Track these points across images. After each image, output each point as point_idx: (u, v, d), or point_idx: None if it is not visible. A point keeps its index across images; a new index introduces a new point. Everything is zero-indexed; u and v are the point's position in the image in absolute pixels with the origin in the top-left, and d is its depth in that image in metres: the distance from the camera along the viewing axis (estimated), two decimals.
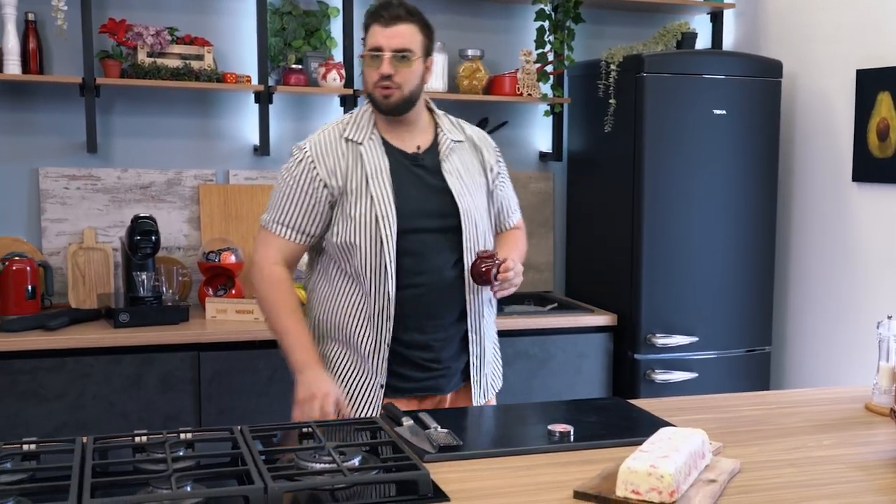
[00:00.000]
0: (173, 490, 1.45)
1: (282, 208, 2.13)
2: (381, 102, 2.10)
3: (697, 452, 1.63)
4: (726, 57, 3.61)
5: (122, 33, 3.11)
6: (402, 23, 2.07)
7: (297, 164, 2.13)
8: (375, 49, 2.08)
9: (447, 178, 2.15)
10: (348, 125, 2.16)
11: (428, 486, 1.54)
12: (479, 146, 2.25)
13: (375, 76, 2.08)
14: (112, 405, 2.88)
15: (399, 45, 2.07)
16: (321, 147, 2.12)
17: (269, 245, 2.15)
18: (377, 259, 2.08)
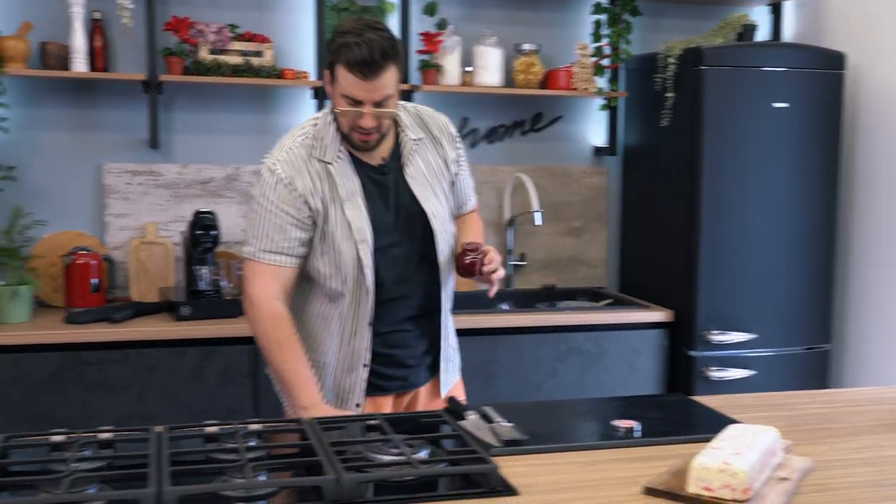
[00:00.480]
0: (248, 479, 1.48)
1: (267, 235, 2.02)
2: (360, 146, 2.02)
3: (769, 450, 1.61)
4: (788, 49, 3.55)
5: (184, 31, 3.16)
6: (384, 72, 1.91)
7: (273, 187, 2.01)
8: (353, 99, 1.94)
9: (411, 183, 2.09)
10: (314, 142, 2.04)
11: (497, 480, 1.54)
12: (437, 138, 2.16)
13: (354, 122, 1.97)
14: (176, 398, 2.94)
15: (381, 97, 1.94)
16: (293, 167, 2.02)
17: (263, 276, 2.03)
18: (356, 280, 2.05)
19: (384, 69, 1.90)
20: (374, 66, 1.89)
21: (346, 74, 1.91)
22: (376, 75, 1.90)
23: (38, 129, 3.26)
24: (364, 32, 1.90)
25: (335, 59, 1.93)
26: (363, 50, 1.88)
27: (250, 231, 2.05)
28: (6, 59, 3.03)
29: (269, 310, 2.03)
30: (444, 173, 2.16)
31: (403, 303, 2.12)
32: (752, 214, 3.38)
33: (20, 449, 1.65)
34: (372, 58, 1.88)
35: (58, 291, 3.19)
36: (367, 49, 1.88)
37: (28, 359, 2.81)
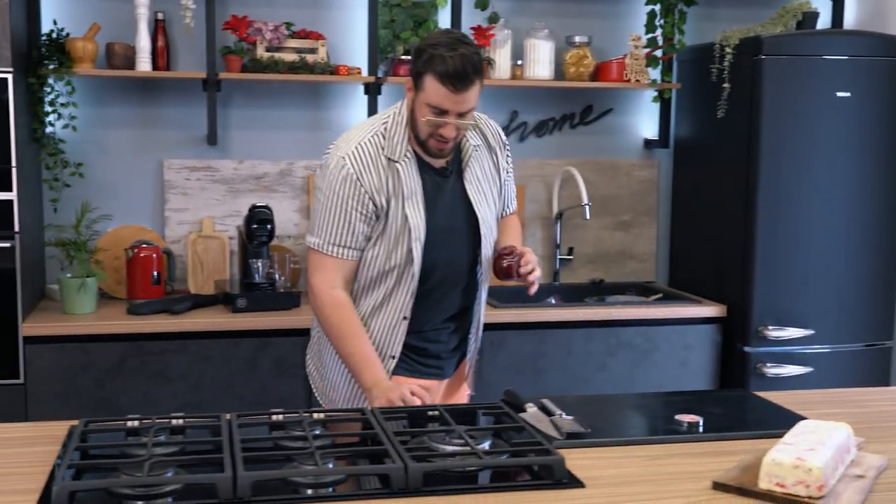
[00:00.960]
0: (318, 466, 1.51)
1: (333, 228, 2.06)
2: (435, 153, 2.06)
3: (843, 447, 1.58)
4: (850, 37, 3.46)
5: (243, 29, 3.21)
6: (472, 86, 1.97)
7: (341, 182, 2.04)
8: (439, 109, 1.98)
9: (468, 188, 2.14)
10: (385, 140, 2.07)
11: (563, 472, 1.55)
12: (493, 147, 2.22)
13: (434, 131, 2.01)
14: (230, 387, 2.99)
15: (466, 108, 2.00)
16: (363, 163, 2.04)
17: (326, 268, 2.08)
18: (402, 273, 2.09)
19: (473, 83, 1.96)
20: (465, 79, 1.94)
21: (435, 85, 1.96)
22: (466, 88, 1.95)
23: (103, 127, 3.34)
24: (457, 46, 1.95)
25: (425, 69, 1.96)
26: (457, 63, 1.93)
27: (316, 222, 2.09)
28: (76, 60, 3.13)
29: (329, 298, 2.08)
30: (496, 180, 2.22)
31: (444, 302, 2.17)
32: (810, 207, 3.32)
33: (98, 433, 1.71)
34: (465, 71, 1.94)
35: (120, 283, 3.27)
36: (460, 62, 1.93)
37: (94, 348, 2.91)
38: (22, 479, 1.54)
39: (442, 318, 2.19)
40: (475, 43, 2.01)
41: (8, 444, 1.75)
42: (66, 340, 2.89)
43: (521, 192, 3.68)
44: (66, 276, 3.01)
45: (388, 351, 2.15)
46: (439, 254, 2.11)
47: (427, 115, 2.00)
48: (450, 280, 2.16)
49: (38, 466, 1.60)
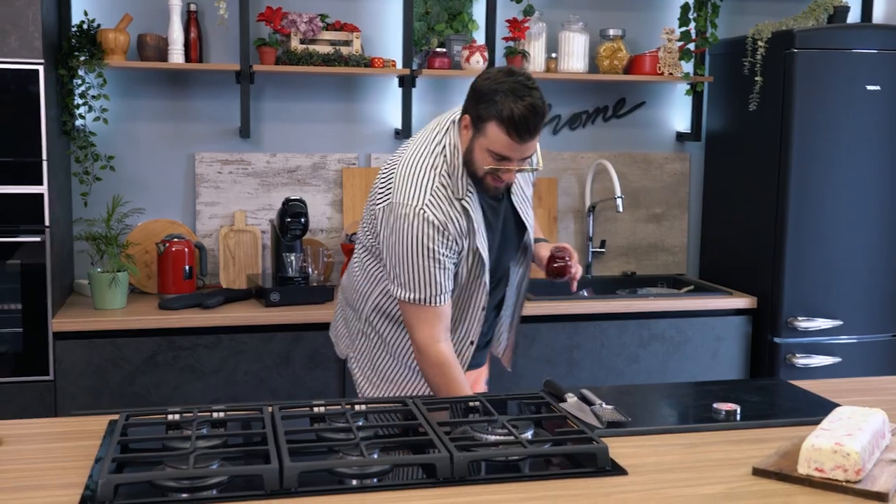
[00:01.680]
0: (364, 457, 1.52)
1: (432, 282, 1.99)
2: (490, 192, 2.04)
3: (879, 432, 1.60)
4: (881, 30, 3.45)
5: (278, 21, 3.22)
6: (537, 133, 1.92)
7: (429, 235, 1.97)
8: (500, 156, 1.93)
9: (515, 202, 2.16)
10: (448, 181, 2.01)
11: (606, 460, 1.56)
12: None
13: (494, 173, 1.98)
14: (262, 381, 3.01)
15: (528, 154, 1.96)
16: (443, 213, 1.98)
17: (430, 321, 2.01)
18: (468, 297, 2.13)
19: (539, 131, 1.91)
20: (533, 130, 1.89)
21: (499, 134, 1.89)
22: (532, 137, 1.90)
23: (135, 119, 3.36)
24: (523, 94, 1.87)
25: (488, 115, 1.89)
26: (525, 113, 1.86)
27: (408, 276, 1.99)
28: (107, 52, 3.12)
29: (435, 357, 2.02)
30: (530, 181, 2.25)
31: (497, 305, 2.26)
32: (840, 200, 3.31)
33: (139, 427, 1.72)
34: (532, 122, 1.87)
35: (151, 278, 3.29)
36: (528, 112, 1.86)
37: (125, 343, 2.91)
38: (62, 473, 1.55)
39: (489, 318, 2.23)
40: (537, 85, 1.92)
41: (43, 440, 1.76)
42: (97, 336, 2.89)
43: (553, 184, 3.68)
44: (96, 270, 3.01)
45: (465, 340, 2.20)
46: (500, 272, 2.19)
47: (487, 159, 1.95)
48: (500, 287, 2.22)
49: (76, 461, 1.61)
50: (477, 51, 3.33)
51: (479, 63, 3.33)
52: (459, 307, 2.13)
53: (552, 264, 2.20)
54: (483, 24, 3.49)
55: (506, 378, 3.15)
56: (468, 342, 2.18)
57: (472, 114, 1.94)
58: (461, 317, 2.15)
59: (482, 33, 3.49)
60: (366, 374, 2.27)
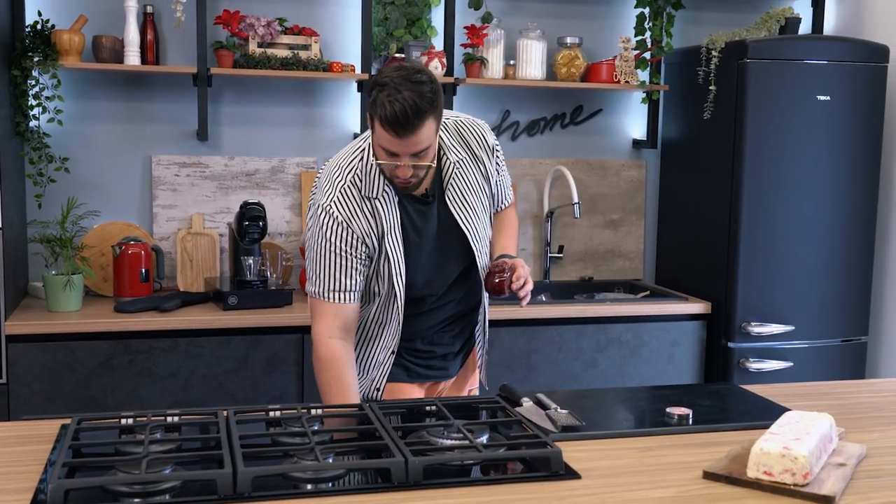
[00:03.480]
0: (319, 461, 1.52)
1: (329, 277, 2.04)
2: (402, 190, 2.03)
3: (826, 436, 1.63)
4: (831, 42, 3.54)
5: (235, 24, 3.21)
6: (417, 129, 1.88)
7: (332, 229, 2.02)
8: (390, 152, 1.94)
9: (451, 207, 2.10)
10: (361, 181, 2.03)
11: (560, 464, 1.58)
12: (479, 156, 2.15)
13: (393, 171, 1.97)
14: (220, 385, 2.99)
15: (417, 150, 1.92)
16: (348, 209, 2.02)
17: (326, 315, 2.06)
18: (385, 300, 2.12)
19: (418, 126, 1.88)
20: (407, 125, 1.86)
21: (381, 130, 1.91)
22: (411, 132, 1.88)
23: (90, 121, 3.32)
24: (401, 89, 1.86)
25: (372, 112, 1.92)
26: (397, 108, 1.85)
27: (312, 270, 2.07)
28: (61, 53, 3.08)
29: (326, 351, 2.05)
30: (485, 189, 2.18)
31: (441, 310, 2.19)
32: (791, 207, 3.39)
33: (91, 431, 1.71)
34: (406, 117, 1.85)
35: (107, 281, 3.25)
36: (400, 108, 1.85)
37: (80, 346, 2.88)
38: (13, 477, 1.53)
39: (443, 323, 2.21)
40: (428, 77, 1.90)
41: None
42: (51, 339, 2.85)
43: (513, 190, 3.71)
44: (50, 273, 2.97)
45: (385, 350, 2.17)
46: (432, 277, 2.13)
47: (381, 156, 1.96)
48: (445, 297, 2.17)
49: (27, 465, 1.59)
50: (435, 57, 3.35)
51: (438, 69, 3.35)
52: (380, 311, 2.13)
53: (490, 280, 2.11)
54: (442, 31, 3.51)
55: None
56: (389, 351, 2.16)
57: (368, 111, 1.96)
58: (382, 322, 2.14)
59: (441, 39, 3.51)
60: None
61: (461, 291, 2.19)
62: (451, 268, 2.15)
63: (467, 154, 2.14)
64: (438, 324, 2.19)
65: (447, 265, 2.14)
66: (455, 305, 2.20)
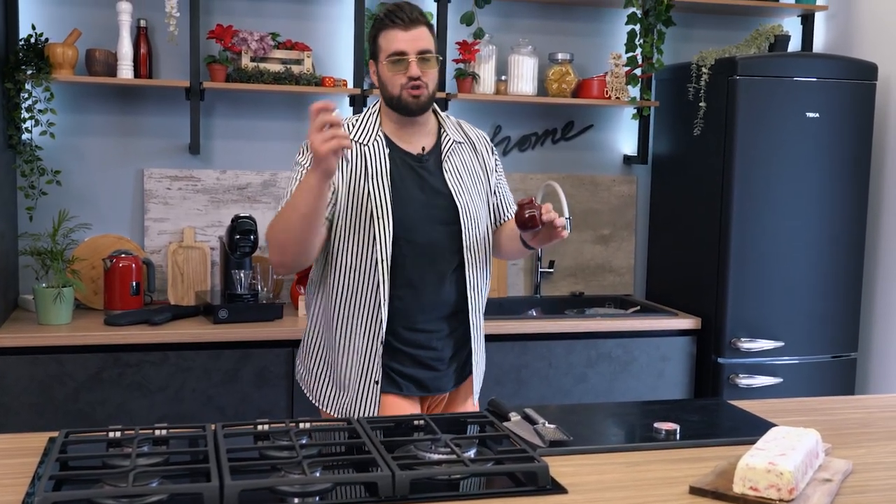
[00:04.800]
0: (306, 475, 1.52)
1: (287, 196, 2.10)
2: (412, 103, 2.12)
3: (812, 452, 1.64)
4: (820, 59, 3.56)
5: (228, 39, 3.23)
6: (421, 25, 2.11)
7: (305, 155, 2.13)
8: (399, 53, 2.10)
9: (446, 176, 2.18)
10: (354, 127, 2.18)
11: (547, 479, 1.58)
12: (478, 148, 2.29)
13: (402, 79, 2.10)
14: (210, 399, 2.99)
15: (422, 47, 2.10)
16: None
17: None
18: (369, 256, 2.11)
19: (420, 23, 2.11)
20: (412, 15, 2.10)
21: (387, 34, 2.10)
22: (415, 26, 2.09)
23: (82, 134, 3.33)
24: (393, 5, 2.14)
25: (377, 31, 2.13)
26: (398, 7, 2.12)
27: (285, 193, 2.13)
28: (55, 66, 3.10)
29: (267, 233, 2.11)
30: (482, 177, 2.26)
31: (426, 293, 2.16)
32: (781, 223, 3.40)
33: (79, 444, 1.70)
34: (409, 9, 2.11)
35: (97, 294, 3.25)
36: (400, 6, 2.12)
37: (70, 359, 2.87)
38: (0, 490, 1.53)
39: (430, 317, 2.17)
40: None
41: None
42: (41, 352, 2.84)
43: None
44: (41, 285, 2.97)
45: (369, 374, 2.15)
46: (415, 239, 2.13)
47: (389, 64, 2.10)
48: (431, 271, 2.15)
49: (15, 478, 1.58)
50: None
51: None
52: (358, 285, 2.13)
53: (521, 214, 2.06)
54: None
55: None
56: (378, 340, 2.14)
57: (370, 51, 2.17)
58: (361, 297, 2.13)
59: None
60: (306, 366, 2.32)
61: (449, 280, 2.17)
62: (435, 233, 2.15)
63: (468, 143, 2.27)
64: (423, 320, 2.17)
65: (432, 229, 2.15)
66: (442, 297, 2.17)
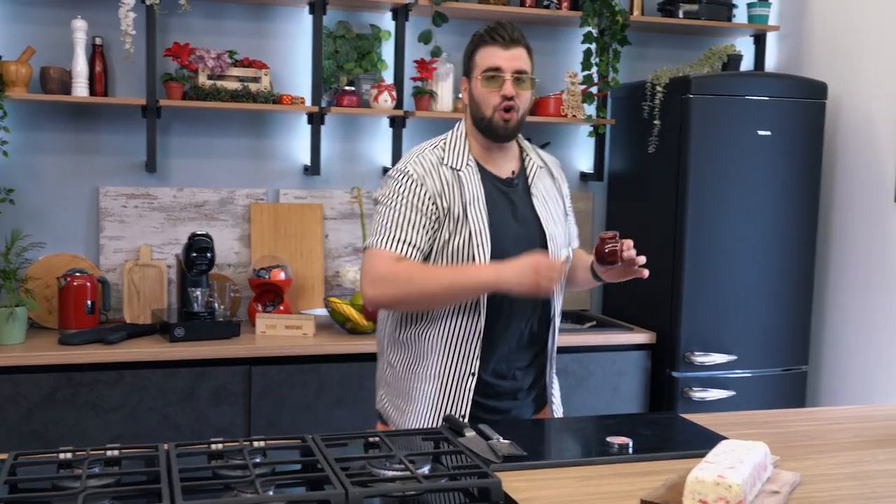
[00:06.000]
0: (259, 494, 1.52)
1: (394, 226, 2.02)
2: (501, 127, 2.07)
3: (761, 464, 1.66)
4: (772, 79, 3.65)
5: (185, 56, 3.22)
6: (520, 45, 2.06)
7: (404, 185, 2.05)
8: (495, 69, 2.04)
9: (535, 203, 2.14)
10: (445, 152, 2.11)
11: (500, 494, 1.58)
12: (555, 174, 2.26)
13: (496, 98, 2.05)
14: (165, 417, 2.96)
15: (519, 67, 2.05)
16: (424, 170, 2.07)
17: (379, 258, 2.01)
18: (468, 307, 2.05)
19: (520, 44, 2.06)
20: (512, 34, 2.05)
21: (485, 50, 2.06)
22: (515, 45, 2.05)
23: (36, 152, 3.29)
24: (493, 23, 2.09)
25: (475, 47, 2.08)
26: (499, 25, 2.07)
27: (375, 228, 2.05)
28: (8, 84, 3.07)
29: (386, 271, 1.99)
30: (560, 203, 2.23)
31: (514, 327, 2.12)
32: (734, 239, 3.46)
33: (29, 466, 1.68)
34: (509, 27, 2.07)
35: (52, 313, 3.21)
36: (501, 24, 2.08)
37: (23, 379, 2.83)
38: None
39: (513, 346, 2.13)
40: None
41: None
42: None
43: None
44: None
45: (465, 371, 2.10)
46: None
47: (484, 82, 2.05)
48: (521, 304, 2.09)
49: None
50: (385, 90, 3.39)
51: (388, 102, 3.39)
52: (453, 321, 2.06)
53: (602, 248, 2.07)
54: (392, 64, 3.55)
55: None
56: (468, 373, 2.08)
57: (465, 68, 2.13)
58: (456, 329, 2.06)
59: (391, 73, 3.55)
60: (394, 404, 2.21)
61: (532, 308, 2.12)
62: None
63: (545, 167, 2.24)
64: (510, 347, 2.12)
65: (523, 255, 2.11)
66: (527, 326, 2.13)
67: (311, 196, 3.58)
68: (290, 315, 3.24)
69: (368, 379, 3.13)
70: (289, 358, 3.06)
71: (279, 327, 3.19)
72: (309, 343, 3.10)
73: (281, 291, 3.35)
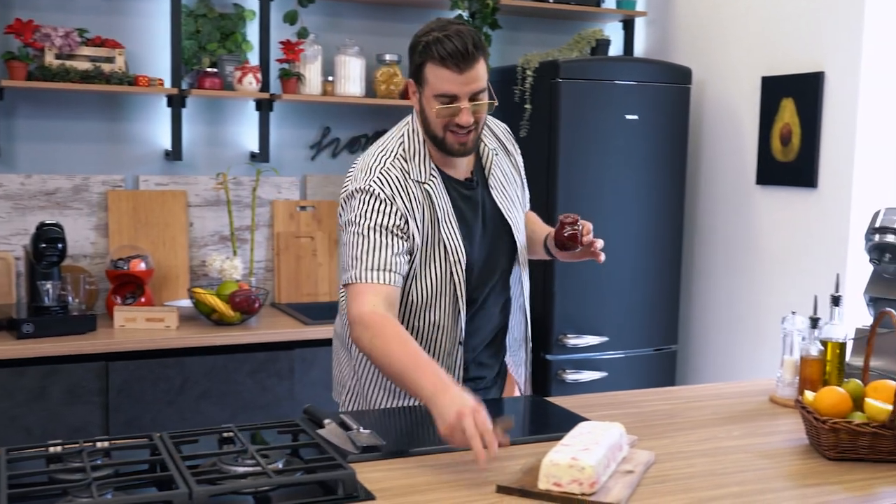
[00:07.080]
0: (95, 499, 1.43)
1: (368, 255, 1.88)
2: (457, 150, 1.93)
3: (616, 445, 1.68)
4: (638, 63, 3.72)
5: (29, 34, 3.02)
6: (476, 60, 1.84)
7: (373, 207, 1.90)
8: (450, 97, 1.86)
9: (495, 195, 2.06)
10: (407, 163, 1.95)
11: (353, 486, 1.54)
12: (509, 149, 2.16)
13: (448, 124, 1.90)
14: (13, 419, 2.79)
15: (476, 89, 1.86)
16: (392, 189, 1.92)
17: (362, 295, 1.86)
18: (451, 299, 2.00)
19: (477, 60, 1.84)
20: (467, 56, 1.82)
21: (438, 71, 1.84)
22: (470, 66, 1.83)
23: None
24: (449, 27, 1.85)
25: (424, 59, 1.86)
26: (455, 41, 1.82)
27: (348, 257, 1.91)
28: None
29: (368, 321, 1.83)
30: (517, 180, 2.15)
31: (485, 321, 2.10)
32: (603, 222, 3.48)
33: None
34: (465, 48, 1.82)
35: None
36: (458, 40, 1.82)
37: None
38: None
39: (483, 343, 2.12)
40: (464, 22, 1.92)
41: None
42: None
43: (334, 207, 3.67)
44: None
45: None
46: (480, 270, 2.03)
47: (438, 107, 1.87)
48: (492, 295, 2.07)
49: None
50: (250, 72, 3.27)
51: (252, 84, 3.28)
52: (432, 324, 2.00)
53: (561, 233, 2.03)
54: (257, 45, 3.43)
55: (284, 405, 3.10)
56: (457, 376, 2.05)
57: (411, 71, 1.91)
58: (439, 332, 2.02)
59: (256, 54, 3.44)
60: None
61: (501, 299, 2.11)
62: (499, 259, 2.06)
63: (499, 145, 2.12)
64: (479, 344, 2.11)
65: (496, 256, 2.06)
66: (495, 318, 2.11)
67: (174, 182, 3.43)
68: (150, 307, 3.10)
69: (235, 371, 3.04)
70: (149, 352, 2.94)
71: (139, 320, 3.05)
72: (171, 336, 2.98)
73: (142, 283, 3.20)
